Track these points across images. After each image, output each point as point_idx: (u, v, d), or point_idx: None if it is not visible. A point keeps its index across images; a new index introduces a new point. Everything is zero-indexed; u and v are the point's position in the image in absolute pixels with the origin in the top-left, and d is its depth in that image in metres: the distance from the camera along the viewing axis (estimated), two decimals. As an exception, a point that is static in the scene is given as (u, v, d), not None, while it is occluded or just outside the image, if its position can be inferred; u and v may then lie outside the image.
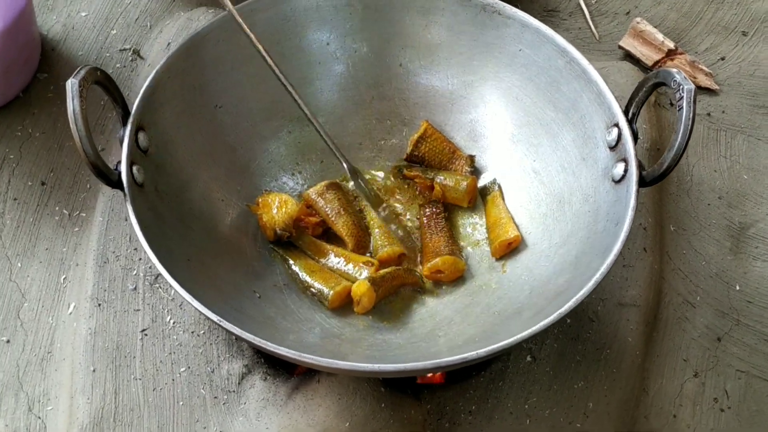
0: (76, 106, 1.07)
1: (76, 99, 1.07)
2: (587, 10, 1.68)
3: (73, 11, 1.61)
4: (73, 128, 1.07)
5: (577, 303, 1.04)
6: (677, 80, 1.13)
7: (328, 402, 1.17)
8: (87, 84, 1.09)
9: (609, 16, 1.69)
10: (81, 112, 1.07)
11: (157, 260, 1.06)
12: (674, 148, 1.12)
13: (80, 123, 1.07)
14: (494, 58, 1.35)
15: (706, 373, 1.31)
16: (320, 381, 1.19)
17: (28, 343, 1.30)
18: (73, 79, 1.08)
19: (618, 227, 1.12)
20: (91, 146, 1.08)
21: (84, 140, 1.07)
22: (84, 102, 1.07)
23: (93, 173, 1.10)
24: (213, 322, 1.03)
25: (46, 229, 1.40)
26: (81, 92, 1.07)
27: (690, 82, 1.12)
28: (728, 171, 1.49)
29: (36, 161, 1.45)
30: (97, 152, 1.09)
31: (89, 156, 1.08)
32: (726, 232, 1.43)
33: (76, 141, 1.07)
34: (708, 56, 1.63)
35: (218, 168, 1.31)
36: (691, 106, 1.11)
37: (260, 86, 1.35)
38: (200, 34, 1.28)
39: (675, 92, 1.12)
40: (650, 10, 1.68)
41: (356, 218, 1.32)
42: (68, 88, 1.07)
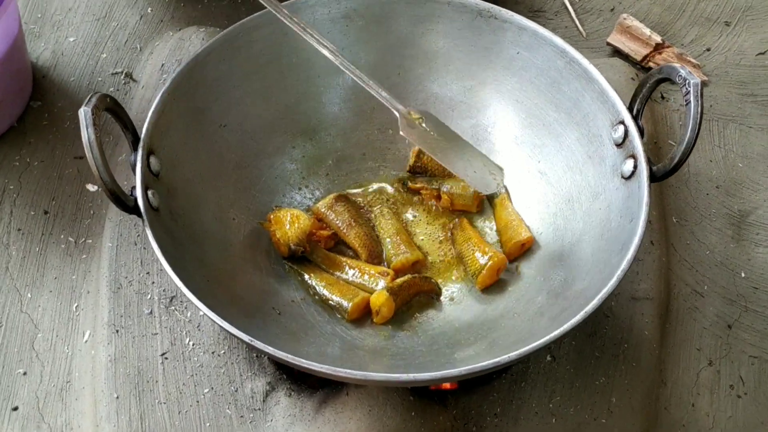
0: (91, 135, 1.07)
1: (91, 127, 1.07)
2: (572, 9, 1.70)
3: (61, 37, 1.60)
4: (89, 156, 1.06)
5: (602, 300, 1.06)
6: (682, 75, 1.14)
7: (359, 414, 1.17)
8: (99, 111, 1.09)
9: (594, 14, 1.71)
10: (96, 140, 1.07)
11: (183, 285, 1.06)
12: (684, 142, 1.13)
13: (96, 151, 1.06)
14: (492, 62, 1.36)
15: (720, 360, 1.33)
16: (349, 394, 1.19)
17: (45, 373, 1.29)
18: (86, 108, 1.07)
19: (633, 223, 1.13)
20: (108, 174, 1.08)
21: (101, 168, 1.07)
22: (98, 130, 1.07)
23: (111, 200, 1.10)
24: (245, 342, 1.03)
25: (53, 258, 1.39)
26: (94, 120, 1.07)
27: (695, 76, 1.14)
28: (723, 160, 1.51)
29: (37, 190, 1.44)
30: (114, 179, 1.08)
31: (107, 183, 1.08)
32: (727, 221, 1.45)
33: (93, 169, 1.06)
34: (694, 48, 1.65)
35: (227, 187, 1.31)
36: (698, 100, 1.13)
37: (262, 103, 1.35)
38: (201, 54, 1.28)
39: (681, 87, 1.14)
40: (634, 6, 1.70)
41: (367, 229, 1.33)
42: (81, 117, 1.07)
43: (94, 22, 1.62)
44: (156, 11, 1.64)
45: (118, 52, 1.59)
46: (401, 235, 1.32)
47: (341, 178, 1.39)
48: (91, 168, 1.07)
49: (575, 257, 1.23)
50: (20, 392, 1.28)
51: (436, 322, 1.26)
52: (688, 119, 1.13)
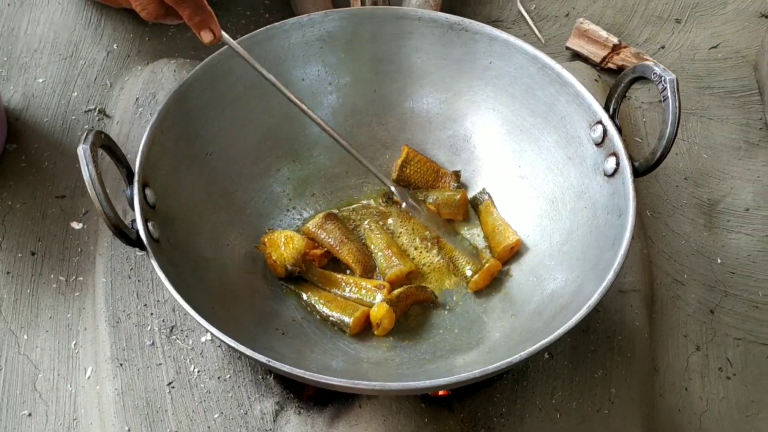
0: (92, 172, 1.08)
1: (91, 164, 1.08)
2: (529, 17, 1.75)
3: (30, 79, 1.61)
4: (92, 193, 1.08)
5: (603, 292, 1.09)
6: (657, 72, 1.19)
7: (374, 425, 1.19)
8: (96, 148, 1.10)
9: (550, 20, 1.76)
10: (97, 176, 1.08)
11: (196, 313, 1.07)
12: (665, 137, 1.18)
13: (98, 188, 1.08)
14: (466, 74, 1.40)
15: (707, 345, 1.38)
16: (362, 406, 1.21)
17: (50, 413, 1.30)
18: (84, 145, 1.09)
19: (622, 218, 1.17)
20: (112, 209, 1.09)
21: (104, 204, 1.08)
22: (97, 165, 1.09)
23: (114, 234, 1.11)
24: (263, 363, 1.05)
25: (45, 298, 1.39)
26: (93, 157, 1.08)
27: (670, 72, 1.18)
28: (688, 152, 1.57)
29: (22, 232, 1.45)
30: (117, 214, 1.10)
31: (111, 219, 1.09)
32: (698, 210, 1.50)
33: (96, 206, 1.08)
34: (649, 46, 1.71)
35: (219, 213, 1.33)
36: (675, 95, 1.17)
37: (245, 129, 1.38)
38: (184, 85, 1.30)
39: (657, 84, 1.18)
40: (587, 10, 1.76)
41: (359, 244, 1.36)
42: (81, 155, 1.08)
43: (62, 61, 1.63)
44: (122, 47, 1.66)
45: (88, 89, 1.60)
46: (392, 248, 1.35)
47: (327, 197, 1.42)
48: (94, 204, 1.08)
49: (566, 256, 1.27)
50: (27, 434, 1.29)
51: (435, 329, 1.29)
52: (667, 114, 1.17)
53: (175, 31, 1.68)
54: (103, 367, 1.29)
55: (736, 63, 1.68)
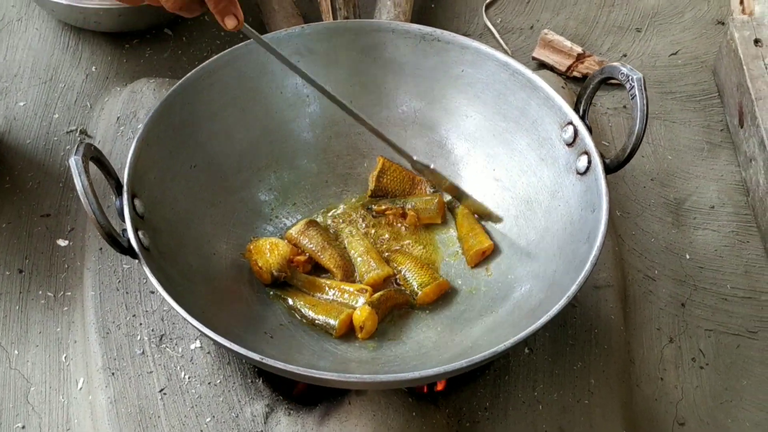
0: (85, 182, 1.11)
1: (83, 175, 1.11)
2: (495, 30, 1.80)
3: (11, 102, 1.64)
4: (85, 203, 1.11)
5: (580, 287, 1.14)
6: (624, 72, 1.24)
7: (365, 420, 1.23)
8: (86, 159, 1.14)
9: (516, 32, 1.81)
10: (90, 186, 1.11)
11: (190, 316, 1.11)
12: (635, 134, 1.23)
13: (91, 197, 1.11)
14: (439, 82, 1.45)
15: (680, 337, 1.43)
16: (351, 402, 1.25)
17: (44, 425, 1.32)
18: (76, 156, 1.12)
19: (596, 213, 1.22)
20: (104, 218, 1.13)
21: (97, 213, 1.12)
22: (89, 176, 1.12)
23: (107, 242, 1.14)
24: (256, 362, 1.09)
25: (35, 314, 1.42)
26: (85, 168, 1.12)
27: (637, 71, 1.23)
28: (653, 155, 1.62)
29: (9, 251, 1.47)
30: (110, 223, 1.13)
31: (104, 227, 1.12)
32: (665, 209, 1.56)
33: (89, 215, 1.11)
34: (611, 55, 1.77)
35: (204, 224, 1.36)
36: (643, 93, 1.22)
37: (226, 141, 1.42)
38: (168, 100, 1.33)
39: (625, 83, 1.24)
40: (551, 22, 1.81)
41: (340, 250, 1.40)
42: (73, 166, 1.12)
43: (42, 85, 1.66)
44: (100, 69, 1.69)
45: (69, 111, 1.64)
46: (371, 253, 1.39)
47: (307, 206, 1.46)
48: (87, 213, 1.11)
49: (543, 253, 1.31)
50: (21, 447, 1.31)
51: (418, 328, 1.33)
52: (635, 111, 1.22)
53: (151, 52, 1.73)
54: (95, 377, 1.32)
55: (696, 68, 1.74)
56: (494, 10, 1.85)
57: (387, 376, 1.09)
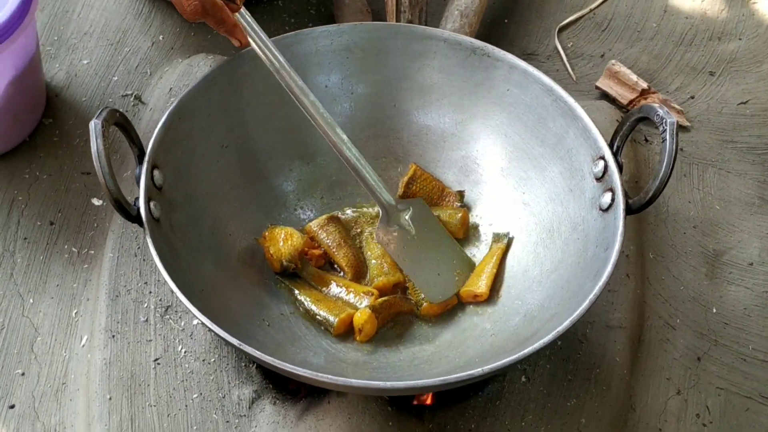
0: (100, 145, 1.14)
1: (100, 138, 1.14)
2: (564, 54, 1.78)
3: (76, 59, 1.68)
4: (97, 166, 1.14)
5: (572, 323, 1.12)
6: (660, 114, 1.21)
7: (339, 422, 1.23)
8: (108, 124, 1.16)
9: (585, 59, 1.78)
10: (104, 150, 1.14)
11: (179, 291, 1.13)
12: (659, 177, 1.20)
13: (104, 161, 1.14)
14: (484, 98, 1.44)
15: (688, 390, 1.39)
16: (330, 402, 1.25)
17: (42, 375, 1.36)
18: (96, 120, 1.15)
19: (607, 252, 1.19)
20: (114, 183, 1.15)
21: (107, 177, 1.14)
22: (107, 141, 1.14)
23: (114, 208, 1.17)
24: (234, 347, 1.09)
25: (56, 267, 1.45)
26: (103, 132, 1.14)
27: (672, 115, 1.21)
28: (701, 202, 1.58)
29: (44, 202, 1.51)
30: (119, 188, 1.16)
31: (112, 192, 1.15)
32: (701, 259, 1.52)
33: (99, 178, 1.14)
34: (678, 95, 1.73)
35: (226, 205, 1.38)
36: (674, 138, 1.20)
37: (264, 127, 1.43)
38: (209, 77, 1.35)
39: (658, 125, 1.21)
40: (623, 53, 1.78)
41: (355, 250, 1.40)
42: (92, 128, 1.14)
43: (108, 46, 1.70)
44: (167, 39, 1.72)
45: (129, 75, 1.67)
46: (386, 258, 1.39)
47: (335, 201, 1.47)
48: (98, 177, 1.14)
49: (552, 284, 1.29)
50: (17, 392, 1.34)
51: (417, 340, 1.33)
52: (663, 155, 1.20)
53: (220, 29, 1.75)
54: (97, 336, 1.34)
55: (763, 120, 1.68)
56: (568, 33, 1.82)
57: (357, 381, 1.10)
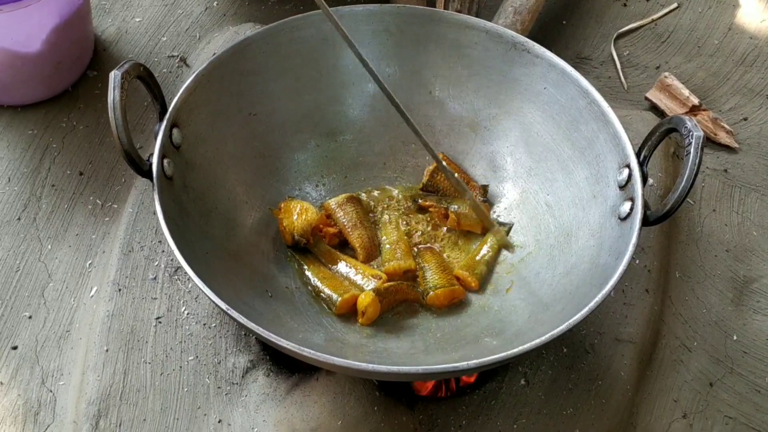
0: (116, 96, 1.14)
1: (117, 89, 1.14)
2: (618, 61, 1.74)
3: (128, 16, 1.70)
4: (111, 117, 1.14)
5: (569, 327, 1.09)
6: (688, 126, 1.18)
7: (324, 400, 1.22)
8: (129, 77, 1.16)
9: (639, 69, 1.74)
10: (120, 102, 1.14)
11: (176, 248, 1.12)
12: (678, 190, 1.16)
13: (118, 112, 1.14)
14: (520, 94, 1.41)
15: (695, 415, 1.35)
16: (318, 379, 1.24)
17: (48, 320, 1.37)
18: (117, 71, 1.15)
19: (618, 261, 1.16)
20: (126, 135, 1.15)
21: (120, 128, 1.14)
22: (125, 93, 1.15)
23: (125, 160, 1.16)
24: (222, 310, 1.09)
25: (78, 217, 1.47)
26: (123, 84, 1.14)
27: (700, 129, 1.17)
28: (738, 226, 1.53)
29: (77, 152, 1.53)
30: (131, 141, 1.15)
31: (123, 144, 1.15)
32: (730, 284, 1.47)
33: (112, 128, 1.14)
34: (731, 115, 1.68)
35: (246, 172, 1.37)
36: (698, 152, 1.16)
37: (294, 100, 1.42)
38: (243, 43, 1.35)
39: (685, 137, 1.17)
40: (680, 67, 1.74)
41: (370, 232, 1.38)
42: (111, 79, 1.15)
43: (162, 7, 1.72)
44: (221, 5, 1.73)
45: (177, 37, 1.68)
46: (400, 244, 1.37)
47: (358, 181, 1.45)
48: (111, 128, 1.14)
49: (562, 288, 1.26)
50: (22, 333, 1.35)
51: (417, 329, 1.30)
52: (684, 168, 1.16)
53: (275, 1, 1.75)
54: (104, 288, 1.35)
55: (817, 150, 1.64)
56: (625, 41, 1.78)
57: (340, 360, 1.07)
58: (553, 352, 1.29)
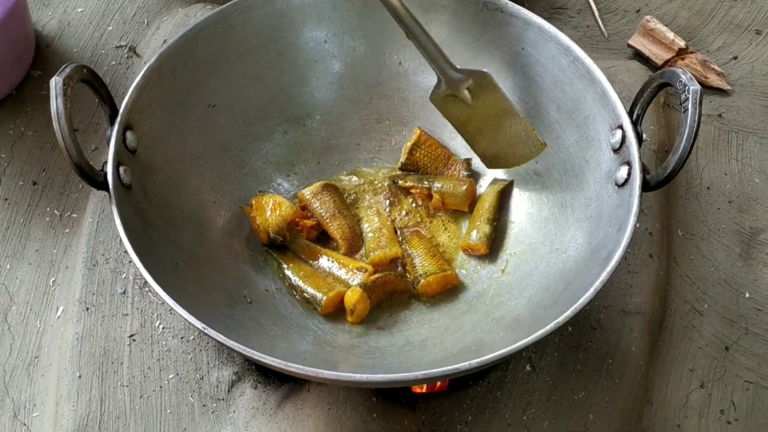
0: (60, 105, 1.04)
1: (60, 98, 1.04)
2: (596, 8, 1.63)
3: (69, 7, 1.58)
4: (56, 128, 1.04)
5: (574, 312, 1.00)
6: (683, 81, 1.08)
7: (318, 412, 1.13)
8: (72, 82, 1.06)
9: (619, 14, 1.64)
10: (65, 111, 1.04)
11: (141, 264, 1.03)
12: (679, 151, 1.07)
13: (63, 122, 1.04)
14: (496, 57, 1.31)
15: (713, 383, 1.27)
16: (310, 390, 1.15)
17: (15, 347, 1.27)
18: (57, 78, 1.05)
19: (620, 233, 1.07)
20: (75, 147, 1.05)
21: (67, 140, 1.04)
22: (68, 100, 1.04)
23: (77, 174, 1.07)
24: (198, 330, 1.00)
25: (36, 230, 1.36)
26: (65, 90, 1.04)
27: (696, 82, 1.08)
28: (739, 174, 1.44)
29: (28, 160, 1.42)
30: (81, 152, 1.06)
31: (73, 157, 1.05)
32: (736, 238, 1.38)
33: (59, 141, 1.04)
34: (720, 55, 1.58)
35: (210, 169, 1.27)
36: (696, 108, 1.07)
37: (255, 85, 1.32)
38: (193, 30, 1.24)
39: (681, 93, 1.08)
40: (661, 8, 1.63)
41: (351, 221, 1.29)
42: (52, 87, 1.04)
43: (105, -8, 1.60)
44: (168, -14, 1.62)
45: (124, 25, 1.57)
46: (384, 230, 1.28)
47: (333, 167, 1.36)
48: (57, 139, 1.04)
49: (561, 264, 1.18)
50: (-12, 364, 1.26)
51: (411, 322, 1.22)
52: (684, 127, 1.07)
53: (224, -23, 1.64)
54: (70, 308, 1.26)
55: (813, 85, 1.54)
56: (601, -15, 1.68)
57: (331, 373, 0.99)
58: (558, 332, 1.19)
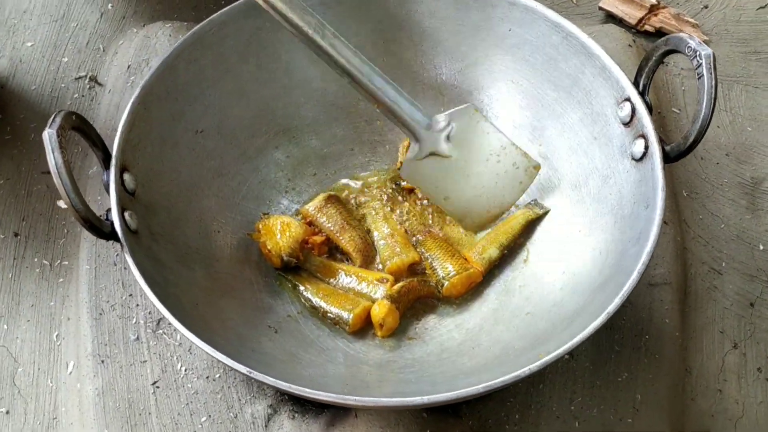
0: (58, 159, 0.98)
1: (57, 151, 0.98)
2: (560, -27, 1.61)
3: (18, 42, 1.50)
4: (58, 183, 0.98)
5: (625, 297, 0.98)
6: (692, 46, 1.06)
7: (370, 438, 1.10)
8: (65, 132, 1.00)
9: (585, -25, 1.62)
10: (64, 164, 0.98)
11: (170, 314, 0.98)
12: (699, 120, 1.05)
13: (65, 177, 0.98)
14: (483, 41, 1.28)
15: (745, 342, 1.25)
16: (358, 416, 1.11)
17: (29, 411, 1.21)
18: (50, 130, 0.98)
19: (650, 210, 1.05)
20: (81, 201, 0.99)
21: (71, 195, 0.98)
22: (65, 152, 0.98)
23: (85, 228, 1.01)
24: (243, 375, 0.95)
25: (28, 284, 1.29)
26: (60, 142, 0.98)
27: (706, 46, 1.05)
28: (731, 125, 1.43)
29: (5, 211, 1.35)
30: (87, 206, 1.00)
31: (80, 211, 0.99)
32: (740, 190, 1.37)
33: (63, 197, 0.98)
34: (690, 6, 1.56)
35: (208, 198, 1.22)
36: (712, 73, 1.05)
37: (240, 102, 1.27)
38: (170, 57, 1.18)
39: (691, 59, 1.06)
40: (625, -35, 1.61)
41: (360, 231, 1.24)
42: (46, 140, 0.98)
43: (52, 23, 1.52)
44: (117, 7, 1.54)
45: (80, 54, 1.49)
46: (396, 237, 1.24)
47: (330, 176, 1.31)
48: (61, 195, 0.98)
49: (588, 248, 1.15)
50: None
51: (442, 327, 1.18)
52: (702, 94, 1.05)
53: (174, -10, 1.57)
54: (84, 363, 1.19)
55: (788, 25, 1.53)
56: (561, -51, 1.65)
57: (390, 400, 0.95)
58: (588, 314, 1.18)
